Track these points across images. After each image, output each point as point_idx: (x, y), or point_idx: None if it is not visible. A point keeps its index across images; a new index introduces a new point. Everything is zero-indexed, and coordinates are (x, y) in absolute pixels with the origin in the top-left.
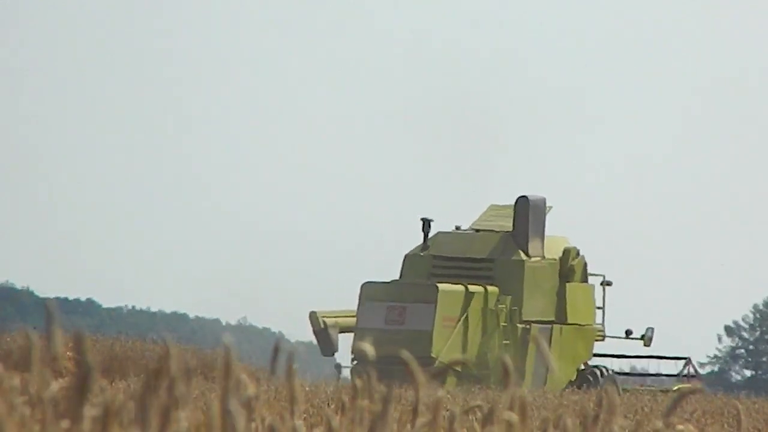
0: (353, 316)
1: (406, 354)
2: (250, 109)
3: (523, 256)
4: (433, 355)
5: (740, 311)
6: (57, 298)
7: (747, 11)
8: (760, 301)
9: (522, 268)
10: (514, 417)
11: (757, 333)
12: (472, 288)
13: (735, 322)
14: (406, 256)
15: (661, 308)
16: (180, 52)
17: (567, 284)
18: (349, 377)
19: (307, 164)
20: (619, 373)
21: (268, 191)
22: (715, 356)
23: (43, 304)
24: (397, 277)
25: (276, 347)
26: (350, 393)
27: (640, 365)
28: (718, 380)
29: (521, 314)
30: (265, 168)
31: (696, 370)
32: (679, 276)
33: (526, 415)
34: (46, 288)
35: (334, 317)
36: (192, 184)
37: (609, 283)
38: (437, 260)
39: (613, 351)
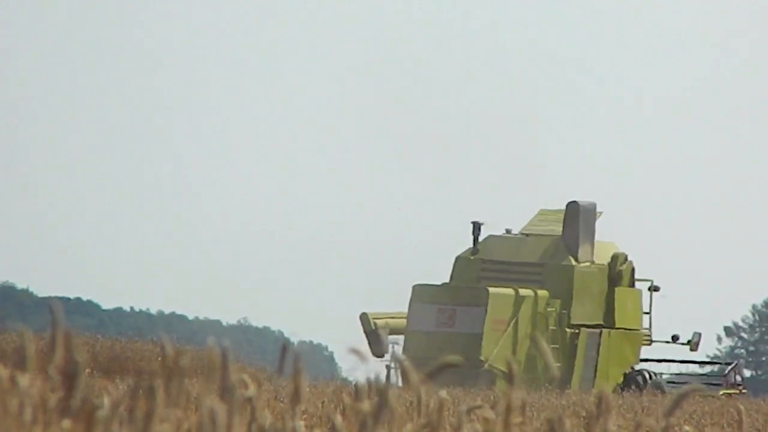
0: (404, 318)
1: (455, 357)
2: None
3: (572, 261)
4: (482, 358)
5: (740, 312)
6: (57, 299)
7: None
8: (759, 302)
9: (572, 273)
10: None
11: (757, 334)
12: (522, 291)
13: (734, 323)
14: (456, 259)
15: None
16: (188, 55)
17: (615, 289)
18: (399, 379)
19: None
20: (675, 383)
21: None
22: (715, 356)
23: (43, 304)
24: (447, 279)
25: (284, 348)
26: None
27: (680, 368)
28: (757, 384)
29: (570, 318)
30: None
31: (741, 376)
32: (679, 276)
33: (521, 416)
34: (46, 289)
35: (385, 318)
36: (200, 187)
37: (656, 289)
38: (487, 264)
39: (658, 356)
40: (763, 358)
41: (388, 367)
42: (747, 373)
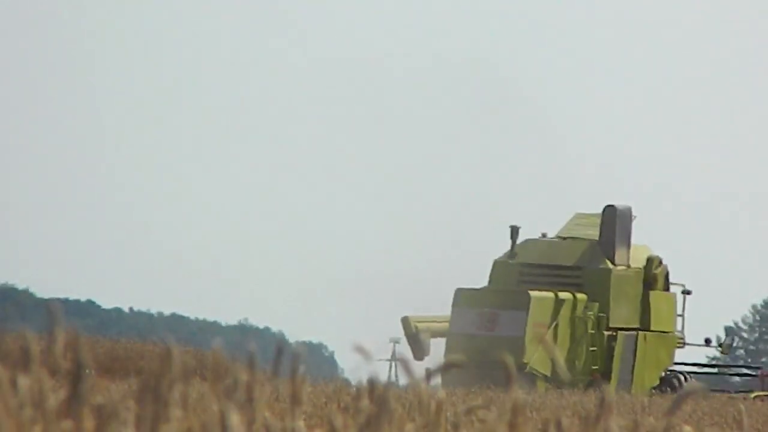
0: (445, 322)
1: (502, 358)
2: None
3: (609, 264)
4: (525, 360)
5: (740, 312)
6: (57, 299)
7: None
8: (759, 302)
9: (609, 276)
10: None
11: (757, 333)
12: (561, 295)
13: (735, 323)
14: (494, 263)
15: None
16: (186, 56)
17: (650, 292)
18: (440, 382)
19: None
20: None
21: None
22: (715, 357)
23: (43, 305)
24: (485, 283)
25: (279, 348)
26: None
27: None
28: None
29: (608, 321)
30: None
31: None
32: (678, 277)
33: (523, 416)
34: (47, 289)
35: (426, 322)
36: (200, 187)
37: (689, 292)
38: (525, 267)
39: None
40: (764, 359)
41: (428, 371)
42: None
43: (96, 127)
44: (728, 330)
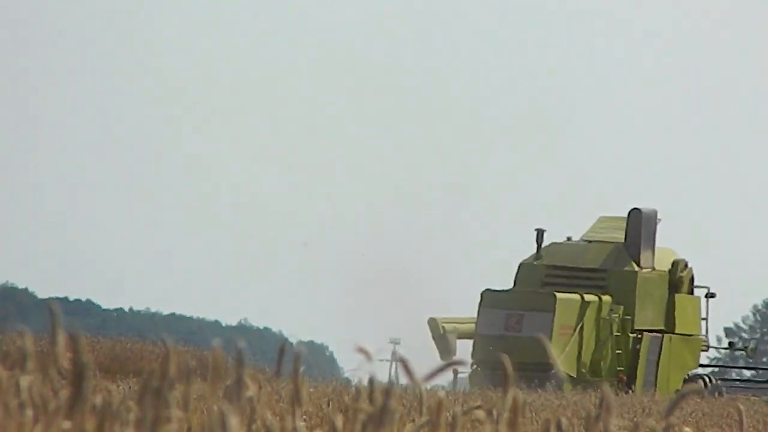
0: (472, 323)
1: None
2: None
3: (635, 267)
4: (550, 362)
5: (740, 312)
6: (57, 299)
7: None
8: (759, 302)
9: (635, 279)
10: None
11: (758, 334)
12: (587, 297)
13: (735, 324)
14: (520, 265)
15: None
16: (187, 57)
17: (675, 295)
18: (468, 382)
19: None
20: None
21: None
22: (715, 357)
23: (43, 304)
24: (510, 285)
25: (281, 349)
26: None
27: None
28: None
29: (633, 323)
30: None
31: None
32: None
33: (523, 416)
34: (46, 289)
35: (453, 323)
36: (200, 187)
37: (713, 295)
38: (551, 269)
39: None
40: (764, 359)
41: (455, 372)
42: (747, 373)
43: (96, 127)
44: (728, 331)
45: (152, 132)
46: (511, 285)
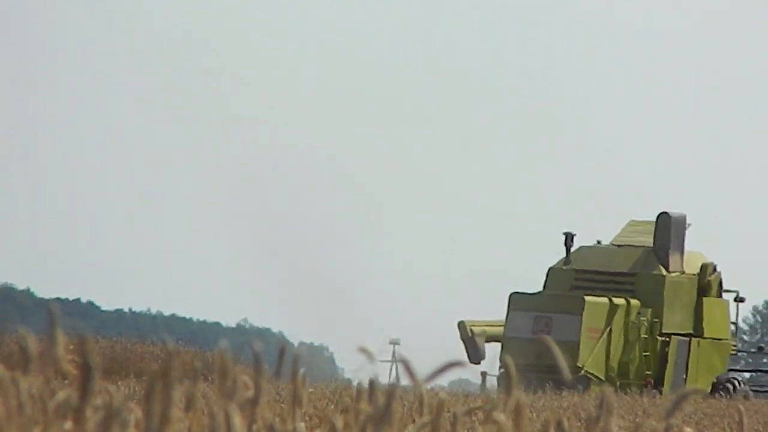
0: (500, 326)
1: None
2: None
3: (663, 270)
4: (579, 364)
5: (740, 313)
6: (57, 300)
7: None
8: (760, 303)
9: (663, 283)
10: (502, 417)
11: (758, 335)
12: (616, 300)
13: (735, 324)
14: (550, 269)
15: None
16: (186, 58)
17: (704, 299)
18: (495, 385)
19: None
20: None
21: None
22: (746, 361)
23: (43, 305)
24: (539, 289)
25: (281, 350)
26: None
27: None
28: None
29: (662, 327)
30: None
31: None
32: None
33: (524, 417)
34: (46, 289)
35: (482, 326)
36: (200, 187)
37: (742, 300)
38: (580, 273)
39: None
40: (765, 359)
41: (483, 374)
42: (747, 374)
43: (96, 127)
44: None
45: (152, 132)
46: (539, 289)
